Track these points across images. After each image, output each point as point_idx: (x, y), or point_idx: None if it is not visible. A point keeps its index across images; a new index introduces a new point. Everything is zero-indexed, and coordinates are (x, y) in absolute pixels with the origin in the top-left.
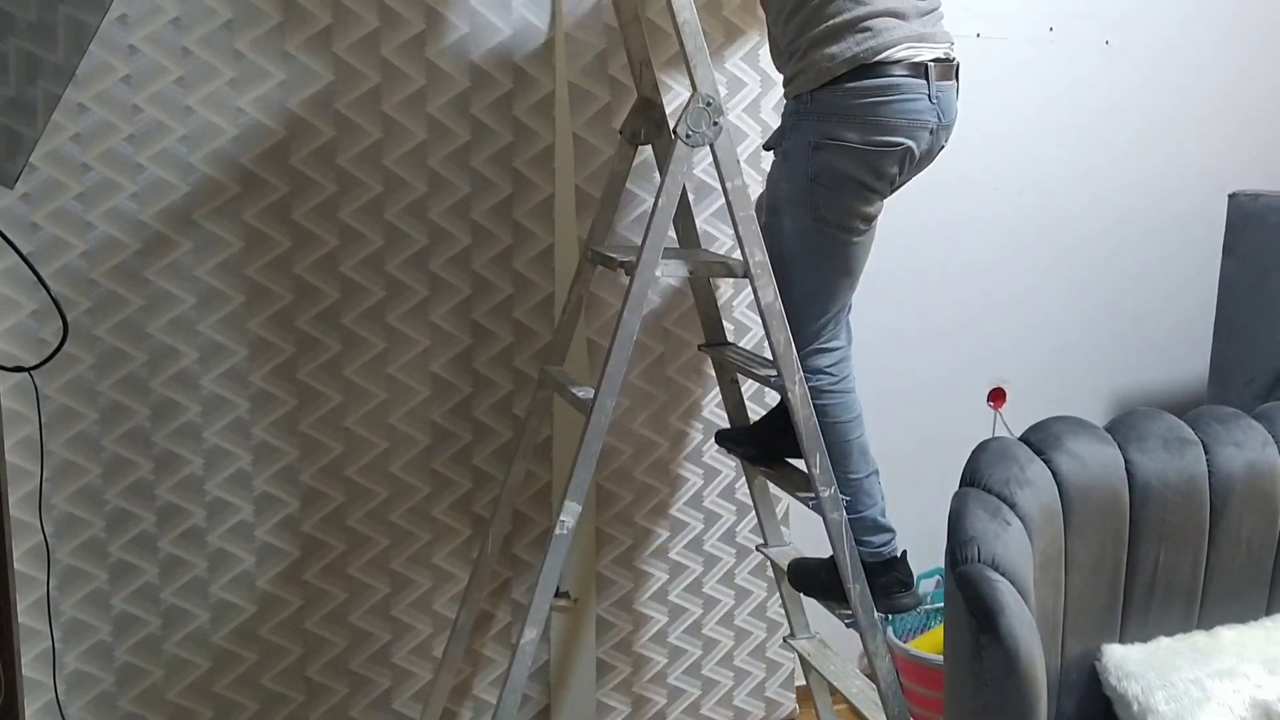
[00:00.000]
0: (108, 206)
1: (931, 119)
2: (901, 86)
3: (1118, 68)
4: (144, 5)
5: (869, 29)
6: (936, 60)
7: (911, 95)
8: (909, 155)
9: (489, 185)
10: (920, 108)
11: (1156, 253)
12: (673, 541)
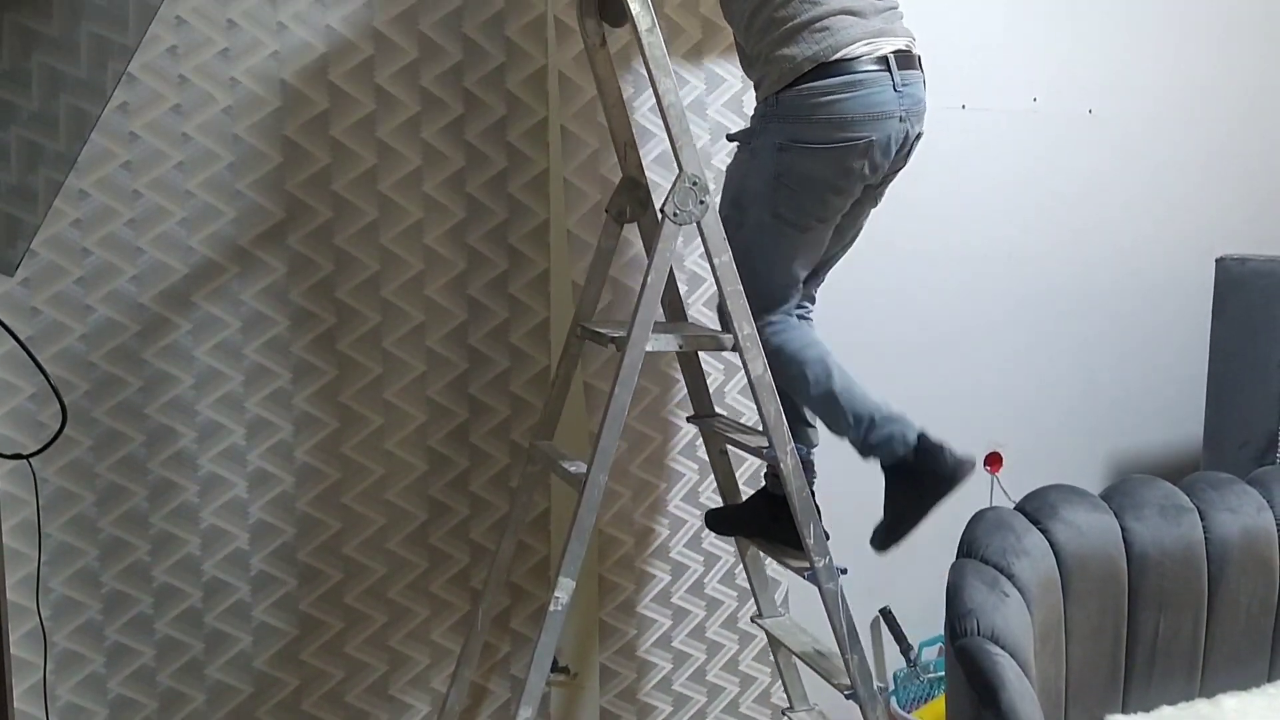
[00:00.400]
0: (107, 290)
1: (896, 108)
2: (863, 80)
3: (1101, 136)
4: (145, 93)
5: (826, 28)
6: (897, 52)
7: (874, 88)
8: (873, 148)
9: (485, 261)
10: (884, 98)
11: (1147, 317)
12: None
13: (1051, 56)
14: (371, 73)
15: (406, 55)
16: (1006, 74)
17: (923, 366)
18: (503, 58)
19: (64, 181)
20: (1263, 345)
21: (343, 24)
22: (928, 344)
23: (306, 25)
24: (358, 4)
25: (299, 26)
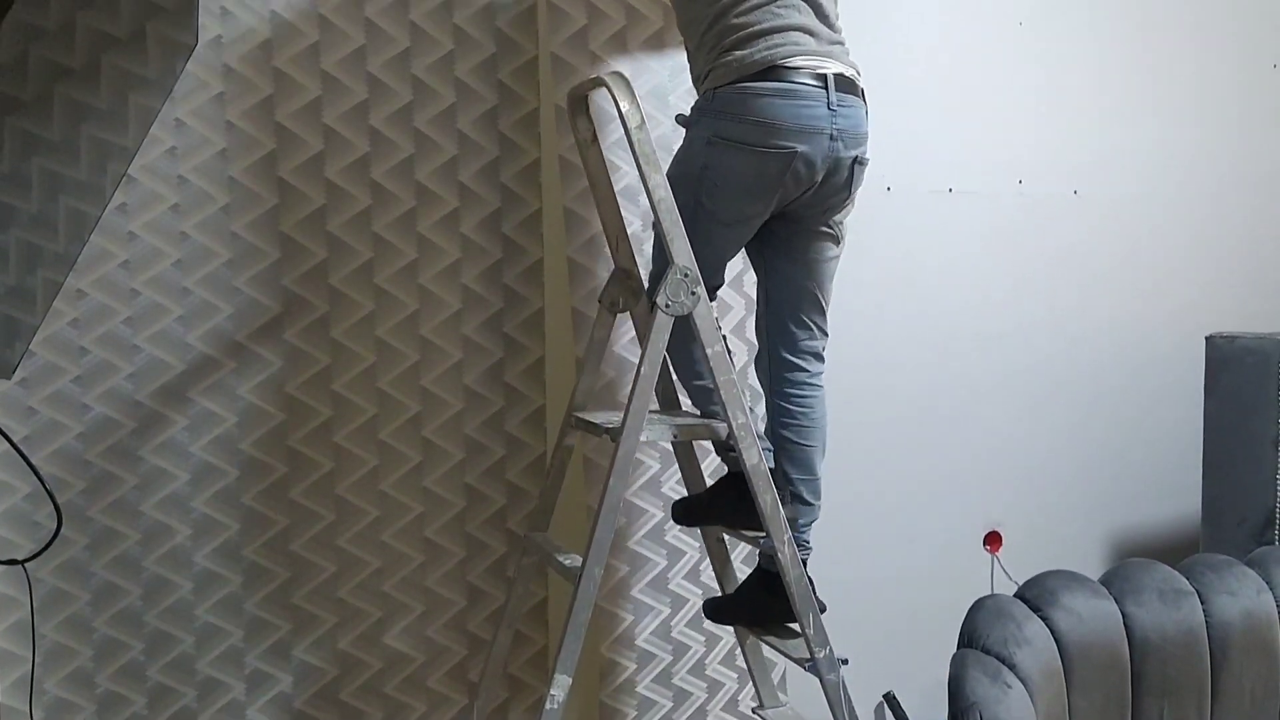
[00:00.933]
0: (104, 388)
1: (828, 126)
2: (798, 91)
3: (1087, 216)
4: (144, 193)
5: (781, 39)
6: (839, 75)
7: (807, 100)
8: (797, 159)
9: (480, 350)
10: (816, 114)
11: (1140, 393)
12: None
13: (1037, 139)
14: (368, 170)
15: (401, 151)
16: (992, 157)
17: (919, 447)
18: (497, 152)
19: (63, 282)
20: (1256, 422)
21: (338, 122)
22: (923, 424)
23: (303, 124)
24: (354, 102)
25: (296, 125)
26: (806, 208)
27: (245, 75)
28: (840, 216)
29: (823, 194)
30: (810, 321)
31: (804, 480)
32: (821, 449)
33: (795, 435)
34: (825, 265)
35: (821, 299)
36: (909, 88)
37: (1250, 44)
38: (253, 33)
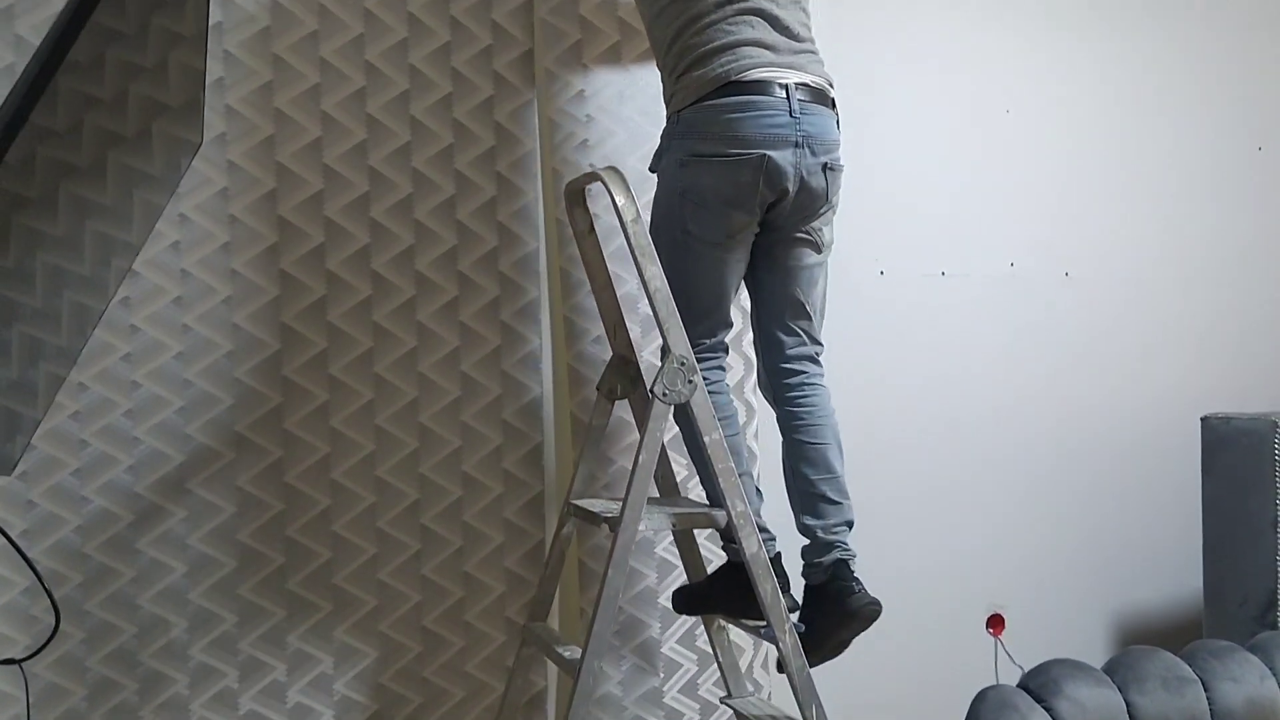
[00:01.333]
0: (103, 481)
1: (792, 133)
2: (759, 103)
3: (1079, 298)
4: (147, 287)
5: (735, 55)
6: (801, 84)
7: (768, 111)
8: (767, 163)
9: (478, 436)
10: (778, 122)
11: (1137, 474)
12: None
13: (1027, 222)
14: (368, 261)
15: (401, 242)
16: (984, 241)
17: (919, 529)
18: (495, 241)
19: (66, 377)
20: (1254, 504)
21: (339, 215)
22: (923, 506)
23: (305, 217)
24: (355, 195)
25: (298, 218)
26: (784, 216)
27: (248, 170)
28: (818, 223)
29: (799, 202)
30: (797, 328)
31: (825, 479)
32: (836, 446)
33: (805, 435)
34: (805, 271)
35: (806, 306)
36: (900, 173)
37: (1235, 127)
38: (256, 129)
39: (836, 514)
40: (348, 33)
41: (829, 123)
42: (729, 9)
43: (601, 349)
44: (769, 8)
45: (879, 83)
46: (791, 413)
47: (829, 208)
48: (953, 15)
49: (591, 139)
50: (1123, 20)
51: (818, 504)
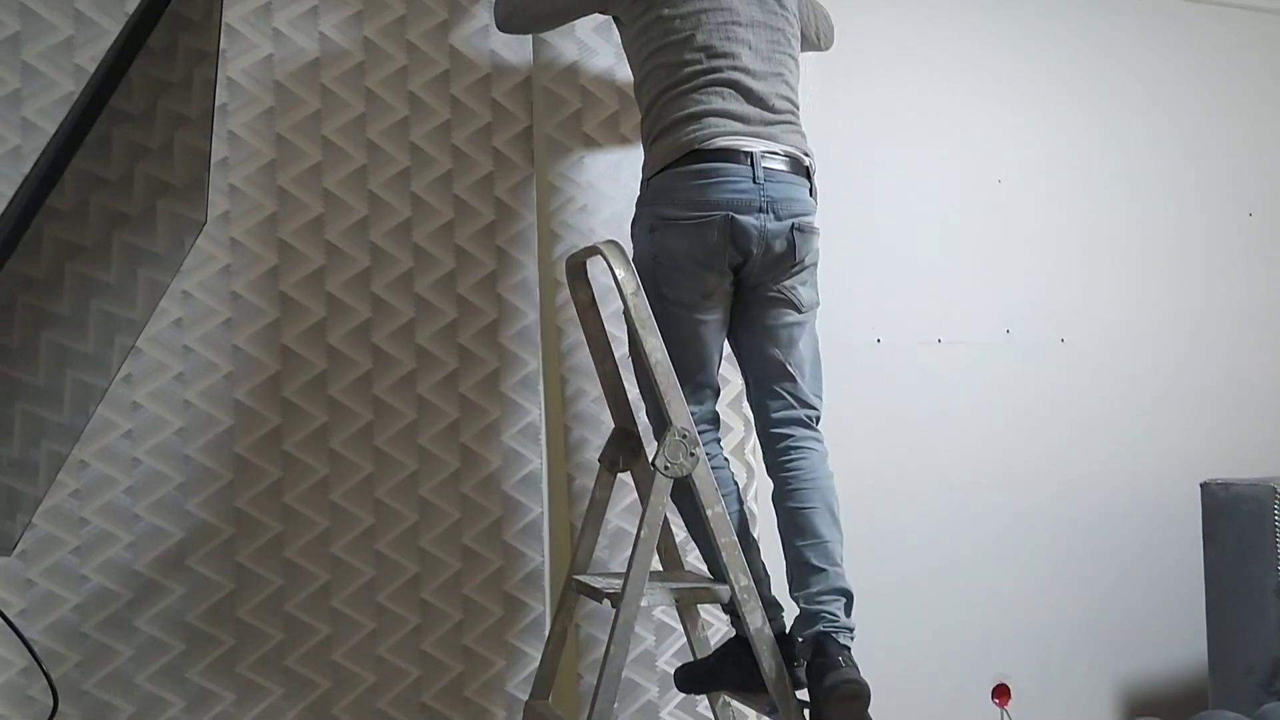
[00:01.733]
0: (103, 558)
1: (756, 198)
2: (722, 170)
3: (1075, 364)
4: (149, 364)
5: (701, 124)
6: (769, 153)
7: (731, 178)
8: (732, 224)
9: (479, 509)
10: (741, 188)
11: (1139, 541)
12: None
13: (1023, 289)
14: (369, 334)
15: (402, 316)
16: (980, 308)
17: (921, 600)
18: (495, 314)
19: (68, 455)
20: (1256, 571)
21: (341, 290)
22: (924, 576)
23: (304, 292)
24: (357, 270)
25: (297, 293)
26: (755, 275)
27: (251, 247)
28: (791, 282)
29: (767, 262)
30: (782, 391)
31: (810, 545)
32: (826, 511)
33: (792, 501)
34: (784, 331)
35: (790, 367)
36: (895, 243)
37: (1227, 193)
38: (260, 207)
39: (821, 581)
40: (350, 111)
41: (797, 189)
42: (702, 79)
43: (600, 409)
44: (743, 80)
45: (872, 155)
46: (780, 479)
47: (800, 266)
48: (943, 89)
49: (590, 204)
50: (1112, 90)
51: (802, 572)
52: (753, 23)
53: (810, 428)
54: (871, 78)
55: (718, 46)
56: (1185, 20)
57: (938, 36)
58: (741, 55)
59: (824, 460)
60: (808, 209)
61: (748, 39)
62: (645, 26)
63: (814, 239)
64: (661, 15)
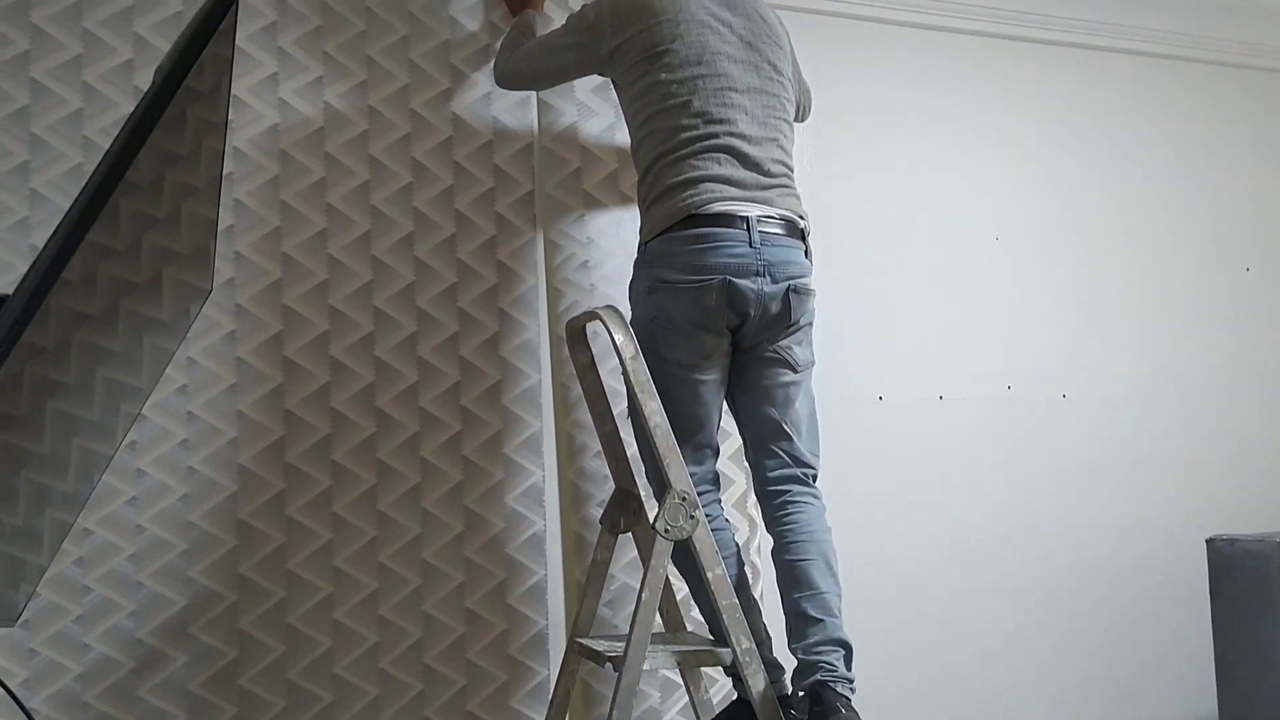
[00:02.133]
0: (106, 627)
1: (753, 261)
2: (720, 235)
3: (1078, 420)
4: (154, 430)
5: (698, 190)
6: (765, 217)
7: (728, 242)
8: (729, 288)
9: (482, 572)
10: (740, 253)
11: (1145, 595)
12: None
13: (1024, 346)
14: (373, 399)
15: (405, 379)
16: (981, 365)
17: (927, 655)
18: (499, 375)
19: (73, 523)
20: (1264, 628)
21: (345, 353)
22: (929, 632)
23: (308, 357)
24: (359, 335)
25: (301, 358)
26: (751, 336)
27: (256, 313)
28: (787, 342)
29: (764, 324)
30: (779, 450)
31: (806, 596)
32: (822, 562)
33: (788, 553)
34: (779, 390)
35: (786, 426)
36: (895, 301)
37: (1224, 248)
38: (265, 274)
39: (818, 632)
40: (353, 179)
41: (792, 252)
42: (698, 145)
43: (602, 465)
44: (739, 145)
45: (870, 215)
46: (777, 533)
47: (796, 327)
48: (938, 149)
49: (591, 260)
50: (1107, 146)
51: (799, 623)
52: (749, 88)
53: (807, 484)
54: (868, 137)
55: (714, 112)
56: (1181, 78)
57: (933, 98)
58: (738, 121)
59: (821, 515)
60: (803, 271)
61: (744, 104)
62: (642, 90)
63: (809, 300)
64: (659, 80)
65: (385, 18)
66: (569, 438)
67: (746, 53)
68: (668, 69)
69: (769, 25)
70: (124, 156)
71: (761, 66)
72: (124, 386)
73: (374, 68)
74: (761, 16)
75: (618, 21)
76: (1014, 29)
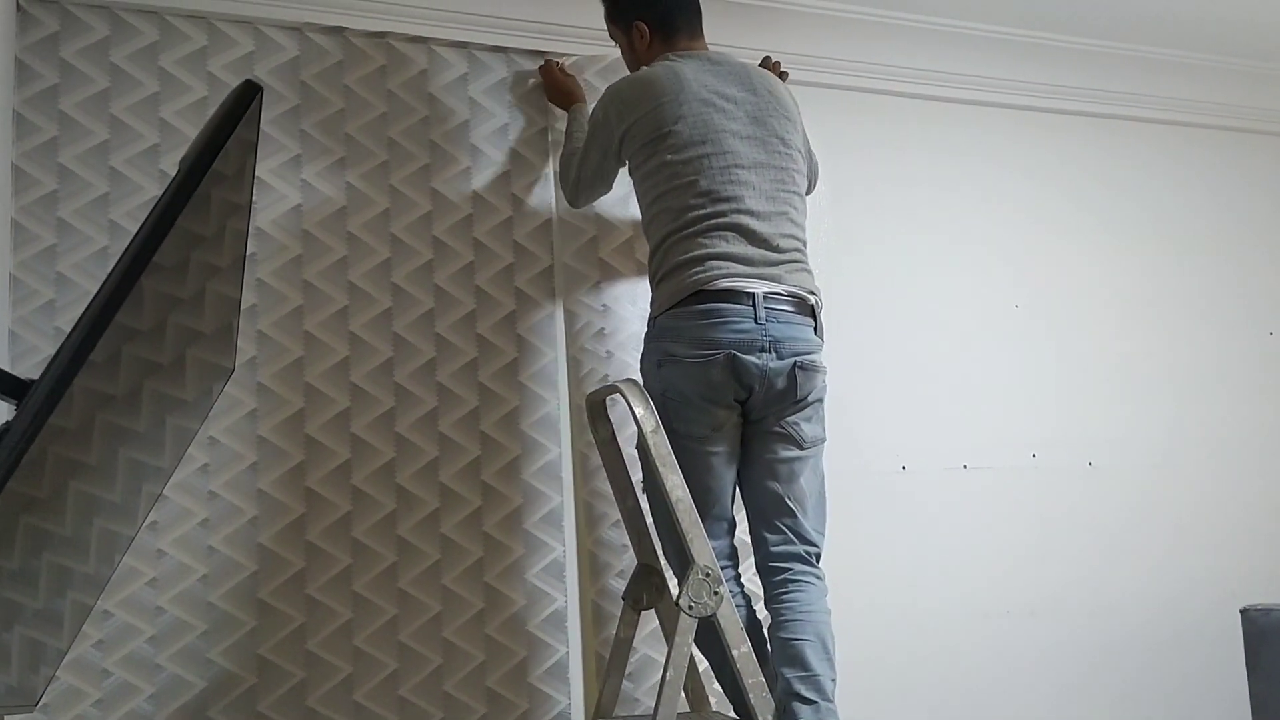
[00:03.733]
0: (124, 711)
1: (759, 337)
2: (725, 310)
3: (1104, 488)
4: (174, 510)
5: (705, 267)
6: (772, 294)
7: (734, 319)
8: (735, 362)
9: (503, 650)
10: (744, 328)
11: (1178, 669)
12: None
13: (1048, 413)
14: (394, 476)
15: (425, 455)
16: (1005, 433)
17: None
18: (519, 450)
19: (93, 606)
20: None
21: (365, 430)
22: (956, 705)
23: (331, 435)
24: (379, 411)
25: (322, 435)
26: (758, 410)
27: (278, 392)
28: (794, 418)
29: (769, 399)
30: (781, 526)
31: (800, 678)
32: (819, 644)
33: (784, 632)
34: (783, 466)
35: (788, 502)
36: (916, 370)
37: (1245, 313)
38: (286, 352)
39: (811, 714)
40: (375, 257)
41: (799, 328)
42: (706, 223)
43: (620, 535)
44: (747, 222)
45: (890, 284)
46: (774, 610)
47: (804, 403)
48: (958, 219)
49: (608, 328)
50: (1125, 214)
51: (792, 704)
52: (756, 164)
53: (808, 563)
54: (887, 207)
55: (720, 191)
56: (1199, 145)
57: (952, 168)
58: (745, 198)
59: (822, 596)
60: (811, 347)
61: (750, 180)
62: (651, 171)
63: (817, 376)
64: (665, 161)
65: (406, 99)
66: (587, 507)
67: (753, 128)
68: (673, 149)
69: (777, 99)
70: (151, 241)
71: (769, 141)
72: (146, 467)
73: (395, 148)
74: (769, 91)
75: (623, 109)
76: (1033, 100)
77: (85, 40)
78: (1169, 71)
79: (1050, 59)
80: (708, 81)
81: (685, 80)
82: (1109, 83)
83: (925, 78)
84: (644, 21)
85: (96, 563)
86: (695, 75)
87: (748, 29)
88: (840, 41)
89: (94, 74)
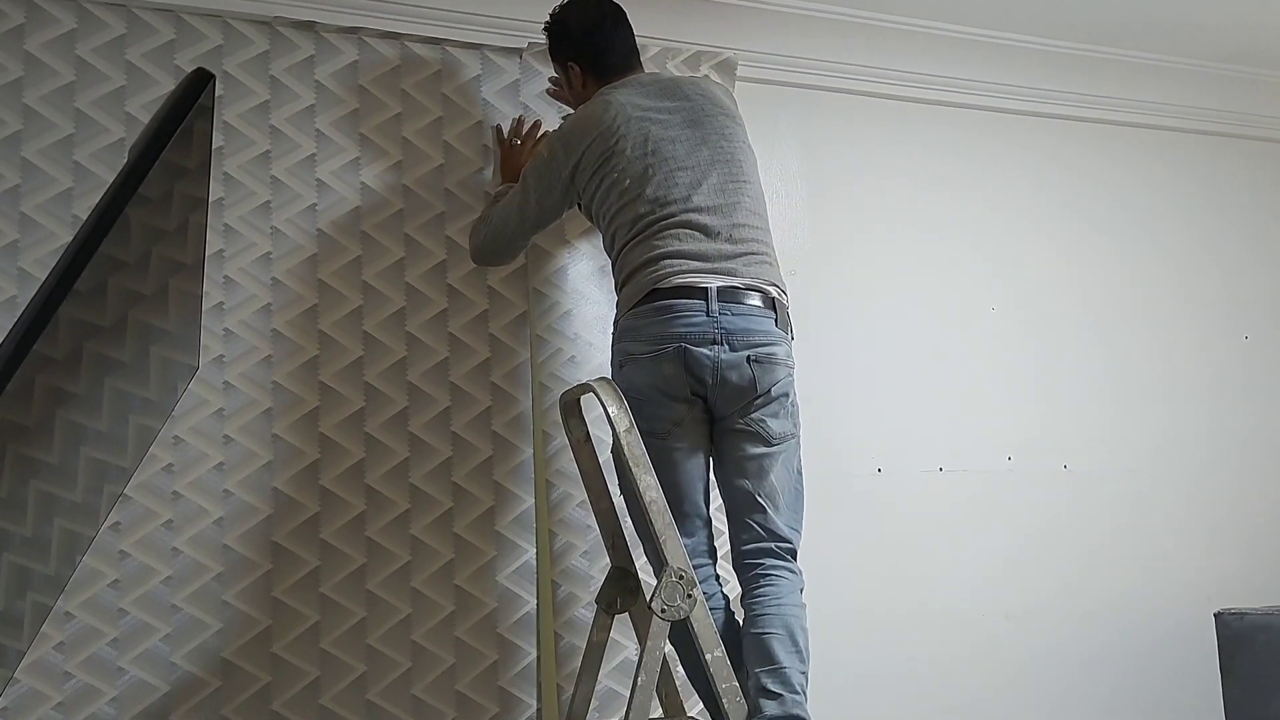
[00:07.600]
0: (86, 714)
1: (711, 330)
2: (676, 306)
3: (1079, 491)
4: (137, 511)
5: (658, 266)
6: (728, 288)
7: (686, 313)
8: (687, 355)
9: (473, 653)
10: (696, 322)
11: (1153, 672)
12: None
13: (1024, 417)
14: (363, 476)
15: (396, 455)
16: (981, 436)
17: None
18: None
19: (53, 607)
20: (1276, 705)
21: (333, 430)
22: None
23: (300, 435)
24: (350, 411)
25: (291, 436)
26: (719, 406)
27: (245, 391)
28: (758, 415)
29: (727, 394)
30: (753, 523)
31: (765, 671)
32: (787, 636)
33: (754, 627)
34: (752, 463)
35: (758, 499)
36: (892, 373)
37: (1222, 316)
38: (255, 350)
39: (775, 708)
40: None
41: (757, 320)
42: (657, 225)
43: (588, 562)
44: (696, 218)
45: (866, 285)
46: (746, 605)
47: (766, 399)
48: (934, 221)
49: (578, 355)
50: (1102, 217)
51: (757, 699)
52: (699, 163)
53: (781, 558)
54: (864, 209)
55: (667, 195)
56: (1175, 148)
57: (928, 170)
58: (692, 196)
59: (794, 589)
60: (769, 340)
61: (696, 179)
62: (603, 195)
63: (777, 370)
64: (614, 181)
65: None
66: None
67: (692, 130)
68: (618, 169)
69: (711, 98)
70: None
71: (709, 138)
72: (108, 466)
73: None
74: (702, 94)
75: (569, 143)
76: (1012, 103)
77: (51, 33)
78: (1147, 75)
79: (1029, 62)
80: (638, 100)
81: (619, 104)
82: (1088, 86)
83: (904, 79)
84: (575, 63)
85: (57, 563)
86: (627, 98)
87: (724, 29)
88: (817, 42)
89: (60, 67)
